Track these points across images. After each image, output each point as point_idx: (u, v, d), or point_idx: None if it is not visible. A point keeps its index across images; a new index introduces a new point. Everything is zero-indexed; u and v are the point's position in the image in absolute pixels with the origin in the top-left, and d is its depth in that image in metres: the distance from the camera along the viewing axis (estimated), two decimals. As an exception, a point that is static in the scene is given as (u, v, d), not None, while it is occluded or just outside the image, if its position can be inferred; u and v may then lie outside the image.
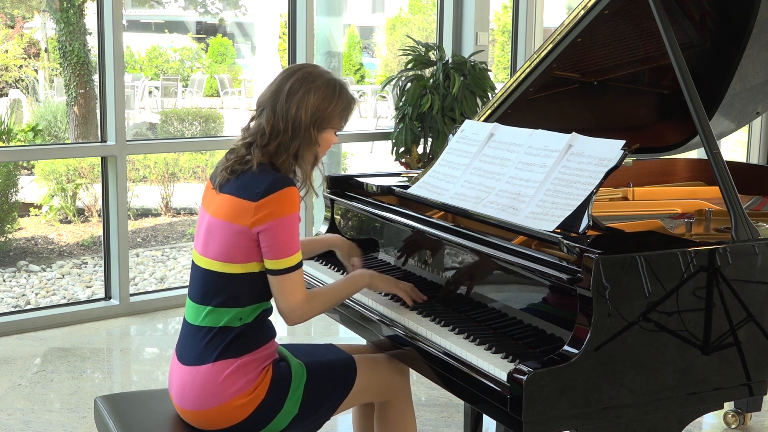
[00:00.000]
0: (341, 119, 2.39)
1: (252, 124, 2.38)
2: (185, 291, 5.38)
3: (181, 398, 2.33)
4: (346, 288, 2.47)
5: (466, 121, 2.88)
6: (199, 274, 2.36)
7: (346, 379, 2.42)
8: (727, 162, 2.38)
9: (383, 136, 6.47)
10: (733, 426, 3.62)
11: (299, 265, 2.29)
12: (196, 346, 2.32)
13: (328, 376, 2.40)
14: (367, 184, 3.05)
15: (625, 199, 3.12)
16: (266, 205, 2.23)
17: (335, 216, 3.15)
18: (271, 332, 2.38)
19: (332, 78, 2.39)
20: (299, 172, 2.39)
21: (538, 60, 3.05)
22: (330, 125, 2.36)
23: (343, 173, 3.45)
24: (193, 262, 2.41)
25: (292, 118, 2.30)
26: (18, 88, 10.88)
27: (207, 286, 2.33)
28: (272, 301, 2.38)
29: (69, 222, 7.95)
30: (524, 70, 3.09)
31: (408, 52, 6.10)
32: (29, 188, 7.95)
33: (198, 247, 2.38)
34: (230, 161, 2.36)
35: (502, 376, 2.04)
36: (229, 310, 2.30)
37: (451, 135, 2.88)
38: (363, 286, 2.51)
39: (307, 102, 2.31)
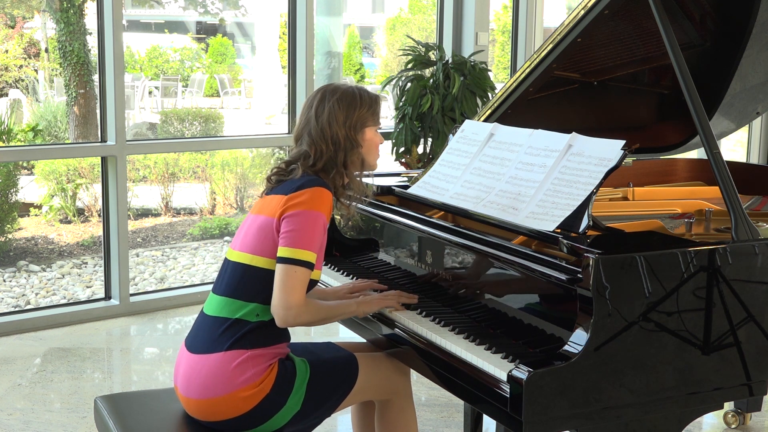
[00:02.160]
0: (373, 115, 2.50)
1: (292, 153, 2.48)
2: (185, 291, 5.41)
3: (187, 387, 2.34)
4: (336, 311, 2.48)
5: (466, 121, 2.88)
6: (227, 267, 2.42)
7: (348, 377, 2.43)
8: (727, 162, 2.38)
9: (383, 136, 6.46)
10: (733, 426, 3.62)
11: (309, 266, 2.30)
12: (209, 335, 2.34)
13: (331, 374, 2.41)
14: (367, 184, 3.04)
15: (625, 199, 3.12)
16: (296, 196, 2.32)
17: (335, 216, 3.14)
18: (285, 336, 2.40)
19: (349, 86, 2.51)
20: (348, 189, 2.49)
21: (538, 60, 3.05)
22: (365, 124, 2.48)
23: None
24: (225, 259, 2.46)
25: (329, 135, 2.42)
26: (18, 88, 10.87)
27: (232, 278, 2.38)
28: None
29: (69, 222, 7.94)
30: (524, 70, 3.09)
31: (408, 52, 6.10)
32: (29, 188, 7.95)
33: (234, 245, 2.44)
34: (273, 174, 2.46)
35: (502, 376, 2.04)
36: (248, 303, 2.33)
37: (451, 135, 2.88)
38: (350, 314, 2.53)
39: (336, 115, 2.43)
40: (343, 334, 4.78)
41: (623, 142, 2.30)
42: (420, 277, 2.65)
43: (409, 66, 6.03)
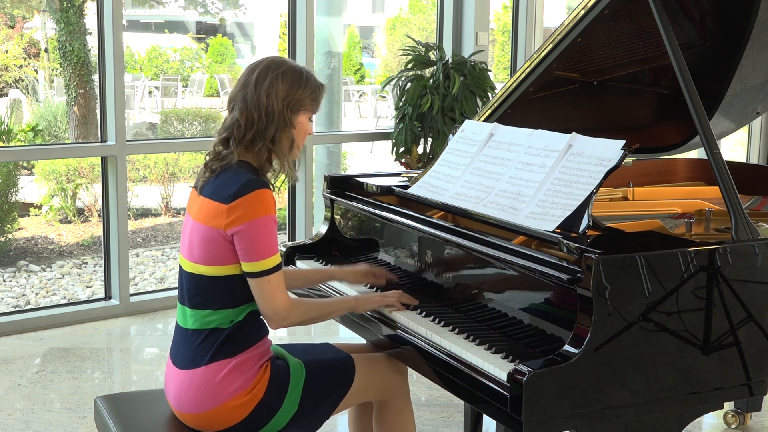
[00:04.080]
0: (312, 102, 2.38)
1: (226, 119, 2.38)
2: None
3: (179, 402, 2.33)
4: (332, 306, 2.48)
5: (466, 121, 2.88)
6: (186, 278, 2.36)
7: (345, 377, 2.42)
8: (727, 162, 2.38)
9: (383, 136, 6.47)
10: (733, 426, 3.62)
11: (277, 268, 2.27)
12: (187, 349, 2.32)
13: (327, 375, 2.40)
14: (367, 184, 3.05)
15: (625, 199, 3.11)
16: (237, 207, 2.23)
17: (335, 216, 3.14)
18: (263, 330, 2.37)
19: (297, 65, 2.40)
20: (276, 164, 2.37)
21: (538, 60, 3.05)
22: (302, 108, 2.36)
23: (343, 173, 3.45)
24: (180, 266, 2.40)
25: (264, 105, 2.30)
26: (18, 88, 10.87)
27: (194, 290, 2.33)
28: None
29: (69, 222, 7.94)
30: (524, 70, 3.09)
31: (408, 52, 6.10)
32: (29, 188, 7.95)
33: (183, 251, 2.38)
34: (208, 159, 2.37)
35: (502, 376, 2.04)
36: (218, 311, 2.30)
37: (451, 135, 2.88)
38: (348, 309, 2.52)
39: (276, 87, 2.31)
40: (342, 335, 4.78)
41: (623, 142, 2.30)
42: (420, 277, 2.65)
43: (409, 66, 6.03)
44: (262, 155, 2.33)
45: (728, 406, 3.60)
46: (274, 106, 2.30)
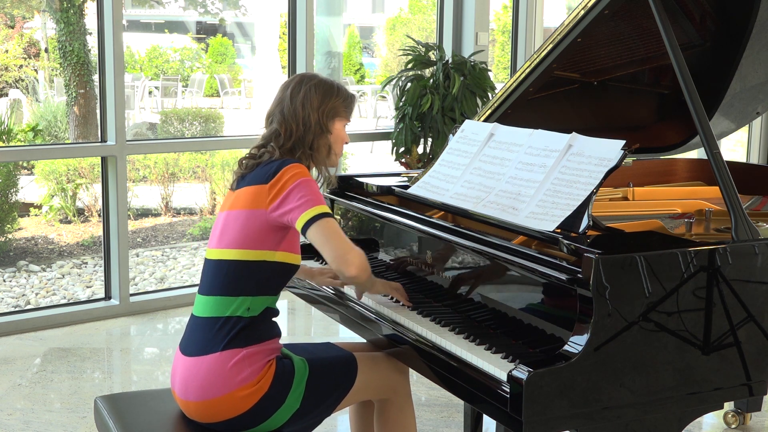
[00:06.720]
0: (346, 109, 2.52)
1: (264, 132, 2.49)
2: (185, 291, 5.41)
3: (185, 390, 2.34)
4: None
5: (466, 121, 2.88)
6: (210, 267, 2.41)
7: (347, 376, 2.44)
8: (727, 162, 2.38)
9: (383, 136, 6.47)
10: (733, 426, 3.62)
11: (332, 215, 2.33)
12: (203, 336, 2.35)
13: (330, 373, 2.42)
14: (367, 184, 3.05)
15: (625, 199, 3.12)
16: (278, 180, 2.33)
17: (335, 216, 3.15)
18: (276, 330, 2.41)
19: (327, 77, 2.54)
20: (314, 170, 2.50)
21: (538, 60, 3.05)
22: (337, 115, 2.49)
23: (343, 173, 3.45)
24: (205, 260, 2.46)
25: (300, 115, 2.44)
26: (18, 88, 10.87)
27: (217, 276, 2.37)
28: (277, 304, 2.40)
29: (69, 222, 7.94)
30: (524, 70, 3.09)
31: (408, 52, 6.11)
32: (29, 188, 7.95)
33: (212, 244, 2.44)
34: (245, 158, 2.48)
35: (502, 376, 2.04)
36: (236, 298, 2.33)
37: (451, 135, 2.88)
38: (363, 285, 2.52)
39: (310, 98, 2.46)
40: (342, 335, 4.78)
41: (623, 142, 2.30)
42: (420, 277, 2.65)
43: (409, 66, 6.03)
44: (303, 163, 2.44)
45: (728, 406, 3.60)
46: (310, 115, 2.45)
